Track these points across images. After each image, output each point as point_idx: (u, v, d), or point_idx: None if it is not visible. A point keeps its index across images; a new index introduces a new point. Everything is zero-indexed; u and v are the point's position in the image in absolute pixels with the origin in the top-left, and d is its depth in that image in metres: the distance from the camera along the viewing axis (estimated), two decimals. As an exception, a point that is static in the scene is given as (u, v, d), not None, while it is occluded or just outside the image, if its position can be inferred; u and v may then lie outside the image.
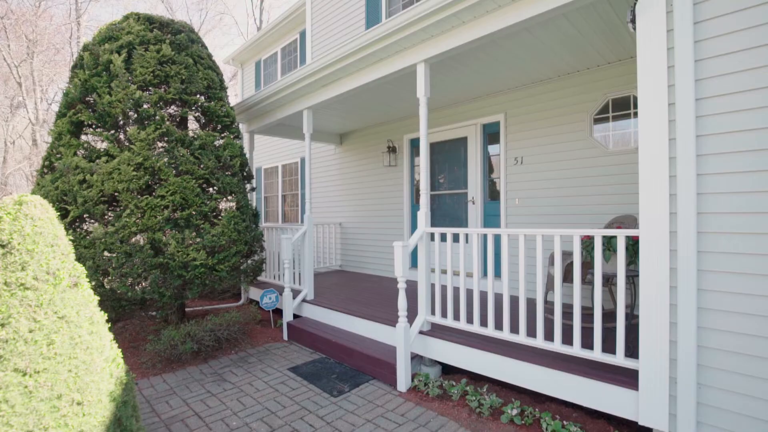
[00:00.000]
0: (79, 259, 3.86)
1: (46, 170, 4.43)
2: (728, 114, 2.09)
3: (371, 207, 7.14)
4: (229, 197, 4.89)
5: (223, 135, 5.08)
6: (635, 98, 4.16)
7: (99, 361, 1.45)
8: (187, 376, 3.87)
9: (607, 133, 4.37)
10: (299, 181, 8.94)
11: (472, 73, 4.55)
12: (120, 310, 4.06)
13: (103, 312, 1.60)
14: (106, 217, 4.07)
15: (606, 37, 3.68)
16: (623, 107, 4.25)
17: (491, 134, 5.47)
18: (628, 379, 2.44)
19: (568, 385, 2.66)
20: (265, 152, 10.03)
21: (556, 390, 2.73)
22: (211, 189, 4.78)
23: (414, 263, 6.24)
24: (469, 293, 4.38)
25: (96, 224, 4.06)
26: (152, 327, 4.93)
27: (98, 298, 1.57)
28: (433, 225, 5.99)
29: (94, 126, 4.49)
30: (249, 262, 5.17)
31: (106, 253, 3.96)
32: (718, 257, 2.10)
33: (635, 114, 4.17)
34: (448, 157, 6.00)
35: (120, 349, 1.70)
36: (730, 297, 2.06)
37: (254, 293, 6.28)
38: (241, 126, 6.71)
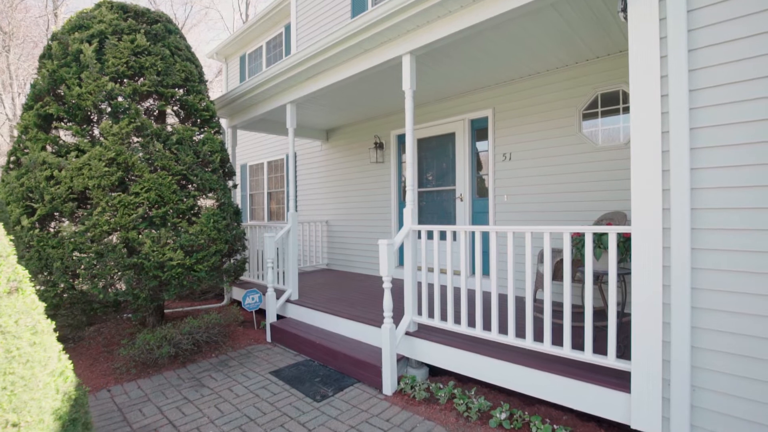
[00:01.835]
0: (47, 259, 3.66)
1: (12, 166, 4.20)
2: (724, 105, 2.01)
3: (358, 204, 7.01)
4: (209, 194, 4.71)
5: (203, 130, 4.89)
6: (624, 93, 4.09)
7: (42, 375, 1.29)
8: (164, 381, 3.70)
9: (596, 129, 4.31)
10: (285, 178, 8.75)
11: (460, 67, 4.43)
12: (91, 314, 3.85)
13: (51, 320, 1.44)
14: (76, 215, 3.85)
15: (595, 29, 3.60)
16: (612, 102, 4.19)
17: (479, 130, 5.37)
18: (620, 381, 2.36)
19: (558, 387, 2.57)
20: (251, 148, 9.81)
21: (545, 393, 2.64)
22: (190, 186, 4.59)
23: (402, 261, 6.12)
24: (457, 292, 4.28)
25: (66, 223, 3.85)
26: (128, 330, 4.73)
27: (44, 303, 1.41)
28: (421, 222, 5.88)
29: (64, 120, 4.27)
30: (231, 261, 5.00)
31: (76, 254, 3.75)
32: (714, 255, 2.02)
33: (624, 109, 4.10)
34: (436, 153, 5.89)
35: (71, 362, 1.53)
36: (726, 296, 1.99)
37: (238, 293, 6.10)
38: (223, 121, 6.50)
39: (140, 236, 3.89)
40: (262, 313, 5.53)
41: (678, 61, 2.11)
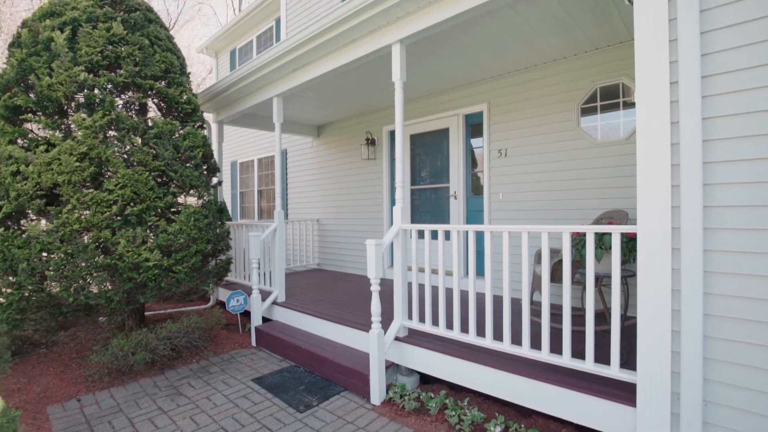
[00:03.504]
0: (12, 260, 3.43)
1: (-22, 161, 3.94)
2: (741, 93, 1.82)
3: (350, 202, 6.80)
4: (191, 192, 4.47)
5: (185, 124, 4.65)
6: (625, 86, 3.91)
7: (-50, 402, 1.09)
8: (139, 389, 3.48)
9: (595, 124, 4.13)
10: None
11: (453, 58, 4.24)
12: (61, 318, 3.62)
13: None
14: (45, 213, 3.61)
15: (595, 17, 3.41)
16: (612, 96, 4.01)
17: (474, 125, 5.18)
18: (624, 393, 2.18)
19: (557, 398, 2.39)
20: (241, 145, 9.57)
21: (543, 404, 2.45)
22: (171, 183, 4.35)
23: (392, 262, 5.93)
24: (449, 294, 4.09)
25: (33, 221, 3.61)
26: (105, 334, 4.49)
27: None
28: (414, 221, 5.69)
29: (35, 112, 4.02)
30: (214, 262, 4.77)
31: (44, 254, 3.52)
32: (729, 257, 1.83)
33: (625, 103, 3.93)
34: (429, 149, 5.69)
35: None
36: (743, 302, 1.80)
37: (224, 294, 5.87)
38: (209, 116, 6.28)
39: (114, 236, 3.66)
40: (248, 315, 5.32)
41: (689, 45, 1.93)
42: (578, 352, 2.46)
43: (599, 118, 4.10)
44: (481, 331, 2.92)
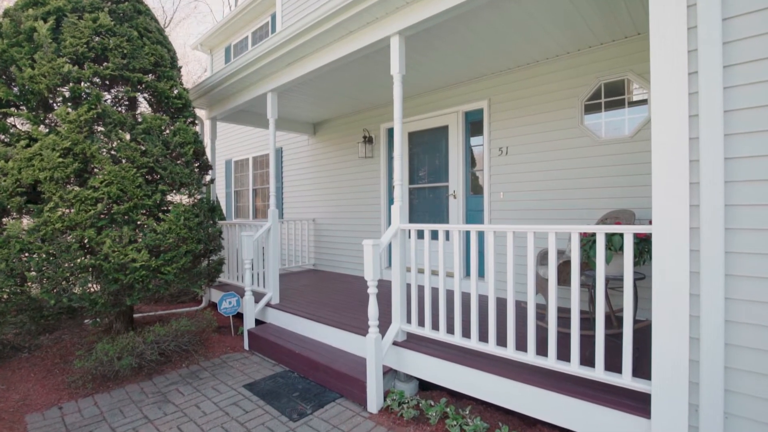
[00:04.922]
0: (-10, 261, 3.25)
1: (-44, 156, 3.76)
2: (766, 83, 1.70)
3: (346, 201, 6.65)
4: (182, 190, 4.31)
5: (175, 119, 4.49)
6: (630, 82, 3.80)
7: None
8: (125, 396, 3.32)
9: (599, 121, 4.01)
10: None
11: (453, 53, 4.10)
12: (42, 321, 3.45)
13: None
14: (25, 210, 3.45)
15: (600, 9, 3.29)
16: (617, 92, 3.89)
17: (474, 123, 5.05)
18: (637, 403, 2.05)
19: (564, 408, 2.26)
20: (236, 143, 9.40)
21: (549, 414, 2.32)
22: (161, 181, 4.18)
23: (390, 263, 5.79)
24: (450, 296, 3.96)
25: (15, 219, 3.44)
26: (91, 337, 4.32)
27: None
28: (412, 220, 5.55)
29: (17, 106, 3.85)
30: (205, 263, 4.61)
31: (25, 254, 3.35)
32: (754, 260, 1.71)
33: (630, 100, 3.81)
34: (427, 148, 5.56)
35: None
36: (769, 309, 1.68)
37: (217, 296, 5.71)
38: (202, 112, 6.11)
39: (99, 235, 3.50)
40: (241, 317, 5.16)
41: (710, 32, 1.80)
42: (586, 359, 2.33)
43: (603, 115, 3.98)
44: (483, 336, 2.78)
